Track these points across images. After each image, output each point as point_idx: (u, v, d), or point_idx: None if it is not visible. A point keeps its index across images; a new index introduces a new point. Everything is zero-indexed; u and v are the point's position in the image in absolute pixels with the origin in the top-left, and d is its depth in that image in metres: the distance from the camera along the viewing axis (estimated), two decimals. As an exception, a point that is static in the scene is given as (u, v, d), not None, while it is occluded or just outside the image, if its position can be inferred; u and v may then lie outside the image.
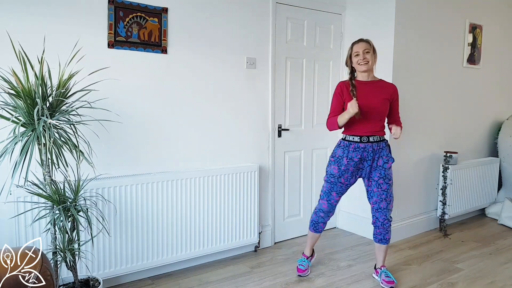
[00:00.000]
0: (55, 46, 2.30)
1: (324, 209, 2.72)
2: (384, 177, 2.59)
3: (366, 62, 2.52)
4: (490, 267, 3.03)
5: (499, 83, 4.54)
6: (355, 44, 2.60)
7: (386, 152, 2.62)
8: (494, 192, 4.38)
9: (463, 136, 4.18)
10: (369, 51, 2.53)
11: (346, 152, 2.61)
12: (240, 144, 3.18)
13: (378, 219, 2.65)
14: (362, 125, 2.57)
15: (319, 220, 2.76)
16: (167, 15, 2.73)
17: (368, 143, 2.58)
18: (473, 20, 4.06)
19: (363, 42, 2.57)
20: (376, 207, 2.64)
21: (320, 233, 2.84)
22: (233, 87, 3.11)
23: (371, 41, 2.60)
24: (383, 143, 2.62)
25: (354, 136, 2.60)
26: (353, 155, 2.59)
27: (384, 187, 2.60)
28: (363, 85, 2.59)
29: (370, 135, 2.57)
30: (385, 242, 2.70)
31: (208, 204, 2.90)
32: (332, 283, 2.75)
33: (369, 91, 2.57)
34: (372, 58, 2.55)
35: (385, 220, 2.64)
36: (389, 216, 2.65)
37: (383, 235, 2.67)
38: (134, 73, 2.65)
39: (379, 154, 2.59)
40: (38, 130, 1.83)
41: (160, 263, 2.74)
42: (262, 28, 3.22)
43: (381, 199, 2.61)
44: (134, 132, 2.69)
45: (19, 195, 2.18)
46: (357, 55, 2.55)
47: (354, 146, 2.59)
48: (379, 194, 2.61)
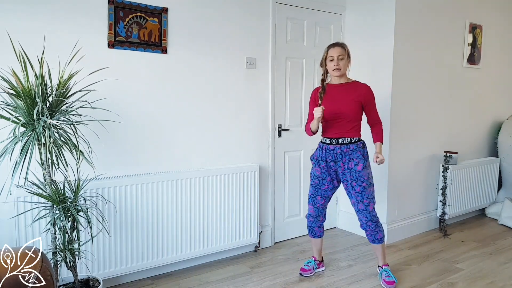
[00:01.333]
0: (55, 46, 2.30)
1: (311, 214, 2.75)
2: (356, 179, 2.57)
3: (338, 69, 2.56)
4: (490, 267, 3.03)
5: (499, 83, 4.54)
6: (330, 48, 2.60)
7: (357, 154, 2.59)
8: (494, 192, 4.38)
9: (463, 136, 4.18)
10: (343, 57, 2.56)
11: (322, 153, 2.66)
12: (240, 144, 3.18)
13: (362, 220, 2.65)
14: (333, 127, 2.62)
15: (311, 225, 2.78)
16: (167, 15, 2.73)
17: (337, 145, 2.60)
18: (473, 20, 4.06)
19: (338, 47, 2.57)
20: (355, 209, 2.65)
21: (319, 237, 2.83)
22: (233, 87, 3.11)
23: (346, 46, 2.61)
24: (354, 145, 2.60)
25: (326, 138, 2.66)
26: (326, 156, 2.63)
27: (358, 189, 2.58)
28: (334, 88, 2.64)
29: (339, 137, 2.60)
30: (377, 242, 2.69)
31: (208, 204, 2.90)
32: (332, 283, 2.75)
33: (339, 93, 2.61)
34: (345, 64, 2.58)
35: (368, 221, 2.62)
36: (371, 217, 2.61)
37: (373, 235, 2.67)
38: (134, 73, 2.65)
39: (349, 156, 2.59)
40: (38, 130, 1.83)
41: (160, 263, 2.74)
42: (262, 28, 3.22)
43: (358, 201, 2.61)
44: (134, 132, 2.69)
45: (19, 195, 2.18)
46: (332, 60, 2.57)
47: (325, 148, 2.65)
48: (355, 196, 2.61)
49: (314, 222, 2.76)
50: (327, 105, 2.57)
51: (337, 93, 2.61)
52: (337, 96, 2.60)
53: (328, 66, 2.60)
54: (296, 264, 3.03)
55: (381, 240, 2.69)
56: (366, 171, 2.60)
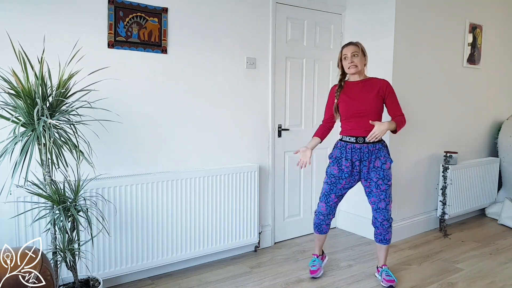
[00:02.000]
0: (55, 46, 2.30)
1: (322, 212, 2.73)
2: (383, 178, 2.59)
3: (354, 66, 2.56)
4: (490, 267, 3.03)
5: (499, 83, 4.54)
6: (344, 47, 2.62)
7: (384, 153, 2.61)
8: (494, 192, 4.38)
9: (463, 136, 4.18)
10: (357, 54, 2.56)
11: (343, 152, 2.63)
12: (240, 144, 3.18)
13: (377, 219, 2.65)
14: (358, 125, 2.60)
15: (320, 223, 2.76)
16: (167, 15, 2.73)
17: (363, 144, 2.59)
18: (473, 20, 4.06)
19: (352, 46, 2.59)
20: (375, 207, 2.65)
21: (326, 233, 2.83)
22: (233, 87, 3.11)
23: (360, 44, 2.61)
24: (380, 144, 2.62)
25: (350, 136, 2.63)
26: (350, 156, 2.61)
27: (383, 188, 2.60)
28: (353, 85, 2.64)
29: (366, 135, 2.58)
30: (385, 242, 2.70)
31: (208, 204, 2.90)
32: (332, 283, 2.75)
33: (359, 90, 2.61)
34: (361, 60, 2.58)
35: (384, 220, 2.63)
36: (388, 217, 2.64)
37: (383, 235, 2.67)
38: (134, 73, 2.65)
39: (376, 155, 2.59)
40: (38, 130, 1.83)
41: (160, 263, 2.74)
42: (262, 28, 3.22)
43: (380, 200, 2.61)
44: (134, 132, 2.69)
45: (19, 195, 2.18)
46: (346, 58, 2.58)
47: (350, 147, 2.62)
48: (378, 194, 2.61)
49: (324, 220, 2.74)
50: (346, 103, 2.59)
51: (357, 90, 2.60)
52: (357, 94, 2.60)
53: (344, 65, 2.60)
54: (296, 264, 3.03)
55: (389, 241, 2.70)
56: (391, 170, 2.64)
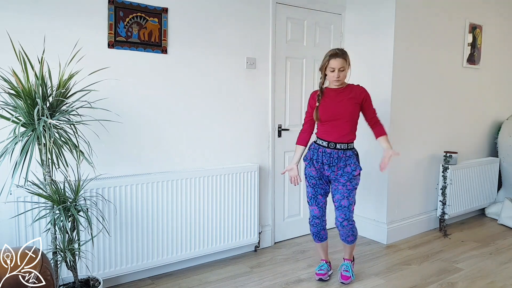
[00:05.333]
0: (55, 46, 2.30)
1: (317, 215, 2.72)
2: (351, 181, 2.61)
3: (338, 80, 2.56)
4: (490, 267, 3.04)
5: (499, 83, 4.54)
6: (332, 58, 2.53)
7: (354, 160, 2.62)
8: (494, 192, 4.38)
9: (463, 136, 4.18)
10: (344, 69, 2.54)
11: (315, 154, 2.66)
12: (240, 144, 3.18)
13: (337, 218, 2.64)
14: (331, 130, 2.61)
15: (318, 229, 2.74)
16: (167, 15, 2.73)
17: (334, 150, 2.60)
18: (473, 20, 4.06)
19: (340, 59, 2.52)
20: (337, 205, 2.63)
21: (326, 240, 2.82)
22: (233, 87, 3.11)
23: (347, 56, 2.57)
24: (350, 152, 2.62)
25: (323, 140, 2.65)
26: (322, 159, 2.63)
27: (349, 187, 2.61)
28: (332, 91, 2.65)
29: (338, 142, 2.60)
30: (348, 242, 2.71)
31: (208, 204, 2.90)
32: (332, 283, 2.75)
33: (337, 96, 2.62)
34: (345, 74, 2.59)
35: (344, 220, 2.61)
36: (349, 216, 2.61)
37: (344, 236, 2.68)
38: (134, 73, 2.65)
39: (345, 162, 2.60)
40: (38, 130, 1.83)
41: (160, 263, 2.74)
42: (262, 28, 3.22)
43: (343, 197, 2.61)
44: (134, 132, 2.69)
45: (19, 195, 2.18)
46: (333, 71, 2.56)
47: (322, 150, 2.64)
48: (343, 192, 2.61)
49: (319, 225, 2.73)
50: (323, 107, 2.61)
51: (335, 96, 2.63)
52: (334, 99, 2.62)
53: (328, 74, 2.58)
54: (296, 264, 3.03)
55: (351, 242, 2.72)
56: (359, 177, 2.66)
